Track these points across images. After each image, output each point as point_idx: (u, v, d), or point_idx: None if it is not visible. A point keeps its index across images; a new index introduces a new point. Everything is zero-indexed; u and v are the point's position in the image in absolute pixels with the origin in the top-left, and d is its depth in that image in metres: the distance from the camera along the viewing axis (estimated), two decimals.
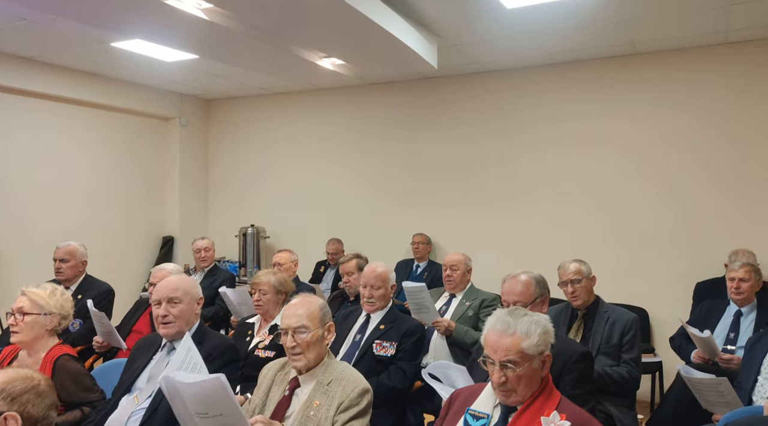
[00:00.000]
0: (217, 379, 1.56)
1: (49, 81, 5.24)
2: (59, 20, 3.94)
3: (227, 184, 6.96)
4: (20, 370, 1.44)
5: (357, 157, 6.16)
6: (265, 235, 6.48)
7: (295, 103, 6.52)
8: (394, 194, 5.95)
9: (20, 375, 1.41)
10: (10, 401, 1.34)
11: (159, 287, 2.34)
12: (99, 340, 3.32)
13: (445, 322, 3.27)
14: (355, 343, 2.89)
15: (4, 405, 1.33)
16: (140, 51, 4.75)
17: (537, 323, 1.75)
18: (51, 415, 1.41)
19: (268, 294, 3.10)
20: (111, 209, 6.00)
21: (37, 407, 1.37)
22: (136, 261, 6.30)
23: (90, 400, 2.32)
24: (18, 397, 1.36)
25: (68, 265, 3.72)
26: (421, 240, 5.46)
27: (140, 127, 6.37)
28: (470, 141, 5.56)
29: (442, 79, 5.64)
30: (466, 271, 3.61)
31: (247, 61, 4.23)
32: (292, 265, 4.37)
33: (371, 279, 2.98)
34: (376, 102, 6.04)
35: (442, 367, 2.16)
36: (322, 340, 2.03)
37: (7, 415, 1.32)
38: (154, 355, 2.30)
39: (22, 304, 2.37)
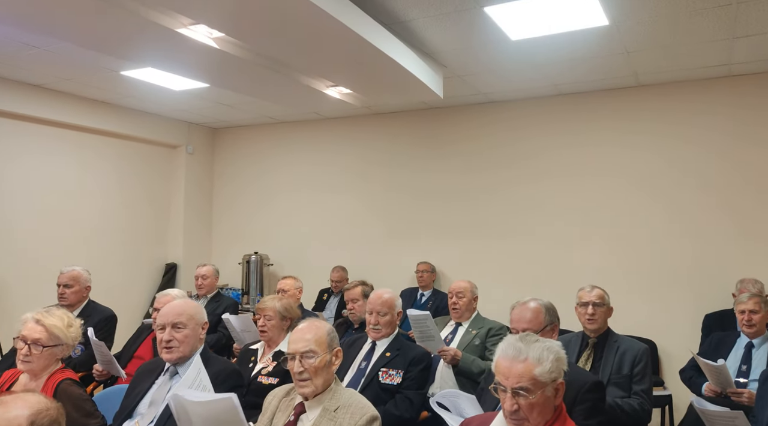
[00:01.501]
0: (229, 399, 1.53)
1: (58, 108, 5.31)
2: (71, 49, 4.02)
3: (231, 211, 6.97)
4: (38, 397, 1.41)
5: (361, 185, 6.18)
6: (268, 262, 6.45)
7: (301, 132, 6.58)
8: (399, 223, 5.94)
9: (42, 406, 1.38)
10: None
11: (164, 312, 2.32)
12: (99, 368, 3.26)
13: (451, 351, 3.21)
14: (360, 370, 2.84)
15: None
16: (149, 80, 4.82)
17: (549, 349, 1.71)
18: None
19: (273, 320, 3.07)
20: (115, 235, 5.99)
21: None
22: (139, 287, 6.26)
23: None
24: None
25: (72, 290, 3.69)
26: (425, 268, 5.43)
27: (147, 155, 6.42)
28: (474, 170, 5.59)
29: (447, 109, 5.71)
30: (473, 299, 3.56)
31: (255, 89, 4.29)
32: (296, 292, 4.34)
33: (377, 305, 2.95)
34: (381, 131, 6.10)
35: (450, 396, 2.12)
36: (330, 366, 2.00)
37: None
38: (156, 380, 2.27)
39: (39, 336, 2.27)
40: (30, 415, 1.33)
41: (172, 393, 1.66)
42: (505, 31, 3.55)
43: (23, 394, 1.44)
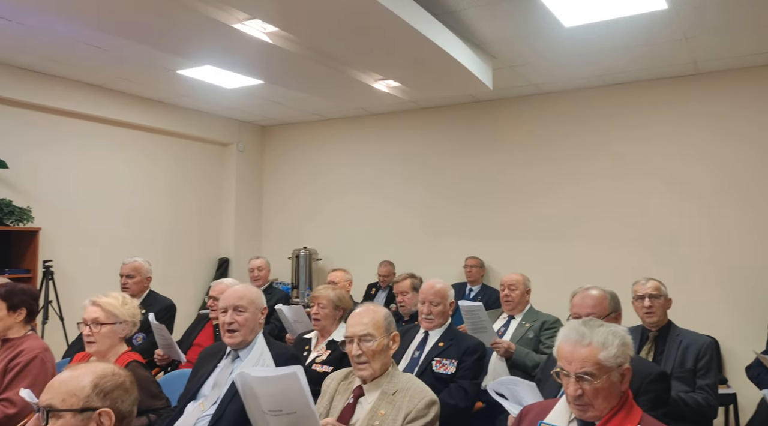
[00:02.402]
0: (294, 373, 1.56)
1: (117, 108, 5.53)
2: (131, 49, 4.19)
3: (280, 207, 7.10)
4: (105, 364, 1.46)
5: (408, 181, 6.19)
6: (317, 257, 6.54)
7: (347, 128, 6.64)
8: (446, 218, 5.92)
9: (108, 370, 1.41)
10: (103, 397, 1.34)
11: (226, 295, 2.39)
12: (160, 352, 3.39)
13: (504, 344, 3.17)
14: (413, 359, 2.84)
15: (98, 401, 1.33)
16: (204, 78, 4.97)
17: (615, 334, 1.67)
18: (134, 410, 1.42)
19: (326, 308, 3.11)
20: (171, 230, 6.21)
21: (125, 403, 1.37)
22: (194, 280, 6.46)
23: (156, 408, 2.35)
24: (110, 393, 1.36)
25: (134, 280, 3.85)
26: (474, 263, 5.39)
27: (200, 153, 6.62)
28: (525, 165, 5.50)
29: (495, 102, 5.64)
30: (525, 292, 3.51)
31: (305, 84, 4.35)
32: (346, 284, 4.39)
33: (429, 295, 2.94)
34: (427, 126, 6.09)
35: (509, 383, 2.09)
36: (387, 350, 2.01)
37: (102, 411, 1.32)
38: (218, 363, 2.33)
39: (97, 315, 2.40)
40: (94, 378, 1.37)
41: (238, 372, 1.70)
42: (559, 18, 3.48)
43: (93, 362, 1.50)
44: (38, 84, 4.89)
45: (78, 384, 1.34)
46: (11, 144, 4.77)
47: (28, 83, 4.83)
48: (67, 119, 5.24)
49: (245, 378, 1.63)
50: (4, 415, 2.41)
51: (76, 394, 1.33)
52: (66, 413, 1.31)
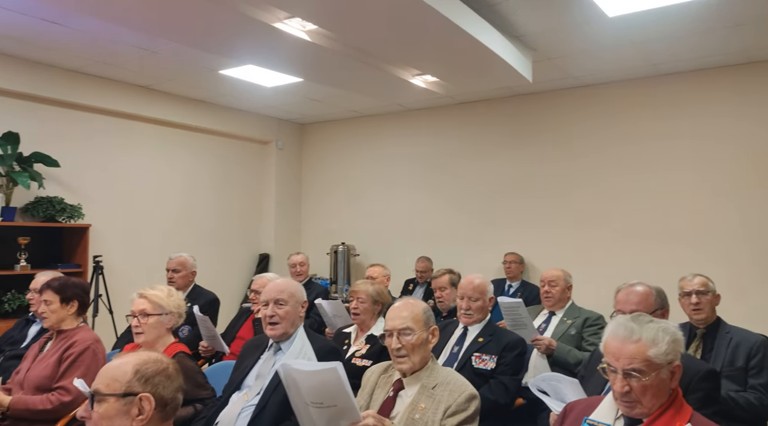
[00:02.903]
0: (334, 369, 1.58)
1: (163, 108, 5.70)
2: (175, 51, 4.31)
3: (319, 203, 7.18)
4: (150, 352, 1.51)
5: (444, 176, 6.16)
6: (355, 252, 6.59)
7: (385, 124, 6.66)
8: (484, 214, 5.87)
9: (151, 357, 1.46)
10: (144, 382, 1.39)
11: (267, 289, 2.43)
12: (204, 344, 3.47)
13: (545, 341, 3.13)
14: (452, 354, 2.83)
15: (138, 386, 1.38)
16: (244, 77, 5.07)
17: (665, 331, 1.62)
18: (178, 397, 1.46)
19: (365, 303, 3.13)
20: (213, 226, 6.36)
21: (167, 389, 1.42)
22: (236, 276, 6.60)
23: (202, 397, 2.42)
24: (151, 378, 1.40)
25: (179, 274, 3.96)
26: (513, 259, 5.32)
27: (241, 151, 6.75)
28: (565, 159, 5.40)
29: (535, 95, 5.55)
30: (566, 288, 3.45)
31: (344, 81, 4.38)
32: (384, 279, 4.40)
33: (468, 290, 2.93)
34: (465, 121, 6.04)
35: (551, 379, 2.06)
36: (427, 344, 2.01)
37: (142, 396, 1.37)
38: (261, 355, 2.38)
39: (144, 307, 2.49)
40: (136, 365, 1.42)
41: (281, 363, 1.73)
42: (602, 8, 3.40)
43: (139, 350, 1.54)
44: (88, 86, 5.09)
45: (121, 370, 1.40)
46: (63, 144, 4.97)
47: (79, 85, 5.02)
48: (115, 119, 5.43)
49: (288, 370, 1.66)
50: (60, 402, 2.52)
51: (119, 379, 1.38)
52: (109, 397, 1.36)
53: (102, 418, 1.34)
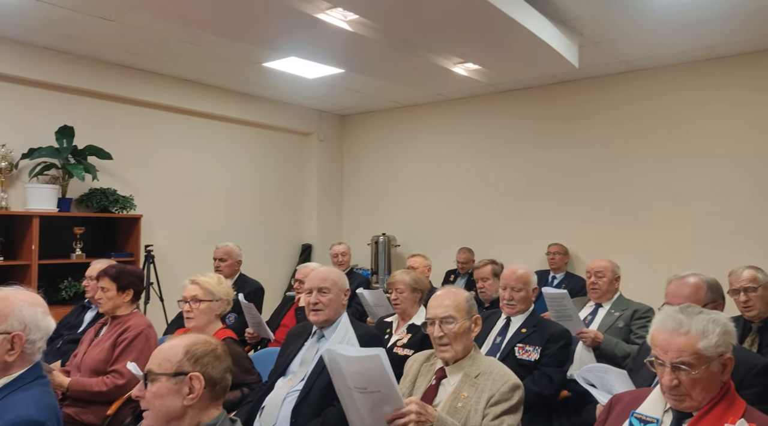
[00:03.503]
0: (377, 356, 1.59)
1: (208, 101, 5.84)
2: (221, 44, 4.39)
3: (360, 194, 7.22)
4: (199, 334, 1.57)
5: (486, 166, 6.08)
6: (395, 243, 6.61)
7: (425, 115, 6.62)
8: (527, 204, 5.77)
9: (200, 339, 1.52)
10: (194, 362, 1.45)
11: (311, 277, 2.47)
12: (250, 330, 3.56)
13: (591, 333, 3.06)
14: (495, 345, 2.81)
15: (189, 366, 1.44)
16: (286, 69, 5.13)
17: (715, 322, 1.56)
18: (227, 378, 1.52)
19: (404, 292, 3.13)
20: (257, 217, 6.49)
21: (215, 369, 1.47)
22: (279, 266, 6.73)
23: (248, 382, 2.49)
24: (200, 358, 1.46)
25: (226, 263, 4.07)
26: (557, 250, 5.22)
27: (283, 142, 6.85)
28: (613, 148, 5.25)
29: (581, 81, 5.40)
30: (614, 279, 3.36)
31: (385, 71, 4.38)
32: (425, 269, 4.40)
33: (511, 281, 2.89)
34: (508, 110, 5.94)
35: (598, 371, 2.02)
36: (469, 332, 2.00)
37: (192, 375, 1.43)
38: (305, 342, 2.42)
39: (196, 293, 2.58)
40: (186, 345, 1.48)
41: (326, 348, 1.76)
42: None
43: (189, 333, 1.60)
44: (138, 80, 5.26)
45: (172, 351, 1.46)
46: (115, 137, 5.16)
47: (129, 80, 5.20)
48: (163, 113, 5.60)
49: (332, 355, 1.68)
50: (115, 385, 2.64)
51: (170, 359, 1.44)
52: (161, 377, 1.42)
53: (155, 397, 1.40)
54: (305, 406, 2.16)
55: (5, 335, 1.52)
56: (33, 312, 1.58)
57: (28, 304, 1.58)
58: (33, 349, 1.57)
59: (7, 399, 1.49)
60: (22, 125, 4.60)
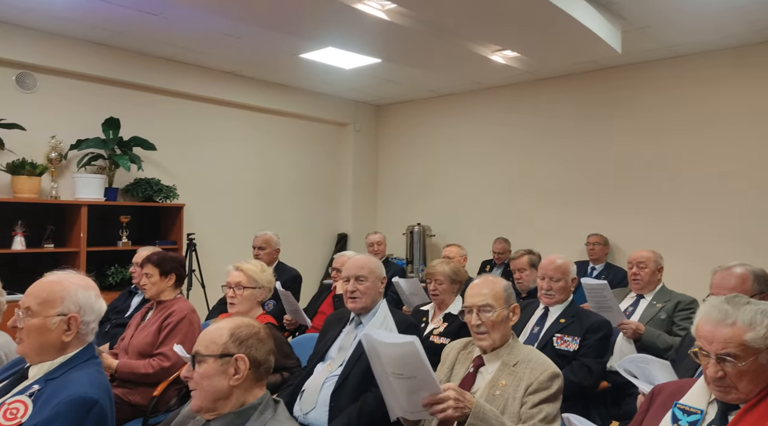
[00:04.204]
0: (412, 343, 1.60)
1: (247, 92, 5.94)
2: (259, 36, 4.46)
3: (395, 184, 7.23)
4: (243, 318, 1.62)
5: (523, 155, 6.00)
6: (430, 233, 6.61)
7: (461, 104, 6.56)
8: (565, 194, 5.68)
9: (244, 322, 1.57)
10: (239, 344, 1.50)
11: (348, 265, 2.50)
12: (288, 317, 3.63)
13: (632, 325, 3.00)
14: (533, 334, 2.79)
15: (234, 347, 1.49)
16: (323, 60, 5.16)
17: (764, 313, 1.51)
18: (270, 360, 1.56)
19: (443, 284, 3.13)
20: (293, 207, 6.59)
21: (259, 351, 1.52)
22: (315, 255, 6.82)
23: (288, 366, 2.54)
24: (245, 340, 1.51)
25: (265, 251, 4.16)
26: (597, 241, 5.12)
27: (319, 133, 6.92)
28: (654, 135, 5.10)
29: (623, 68, 5.26)
30: (656, 270, 3.28)
31: (422, 60, 4.36)
32: (461, 260, 4.38)
33: (550, 271, 2.86)
34: (546, 97, 5.84)
35: (640, 361, 1.98)
36: (507, 321, 1.99)
37: (238, 357, 1.48)
38: (343, 329, 2.46)
39: (240, 279, 2.65)
40: (231, 327, 1.53)
41: (363, 332, 1.78)
42: None
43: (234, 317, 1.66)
44: (180, 73, 5.39)
45: (218, 333, 1.52)
46: (159, 128, 5.31)
47: (172, 73, 5.34)
48: (204, 105, 5.73)
49: (370, 339, 1.70)
50: (161, 367, 2.74)
51: (216, 341, 1.50)
52: (208, 358, 1.48)
53: (203, 377, 1.46)
54: (344, 391, 2.20)
55: (62, 317, 1.60)
56: (87, 294, 1.65)
57: (82, 287, 1.66)
58: (87, 330, 1.65)
59: (63, 377, 1.57)
60: (70, 117, 4.79)
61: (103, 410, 1.52)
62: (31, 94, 4.61)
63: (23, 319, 1.57)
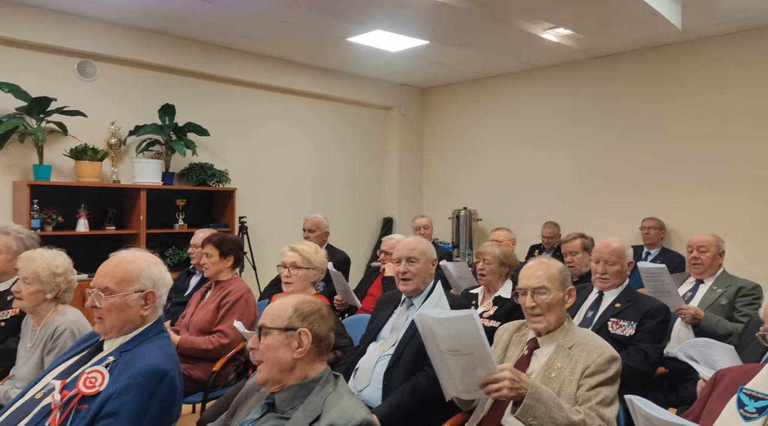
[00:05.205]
0: (470, 316, 1.61)
1: (296, 78, 6.02)
2: (308, 21, 4.49)
3: (440, 168, 7.20)
4: (305, 295, 1.67)
5: (574, 137, 5.86)
6: (477, 217, 6.56)
7: (509, 85, 6.44)
8: (618, 176, 5.52)
9: (307, 299, 1.63)
10: (302, 319, 1.56)
11: (399, 247, 2.53)
12: (339, 298, 3.70)
13: (691, 310, 2.92)
14: (586, 319, 2.74)
15: (298, 322, 1.56)
16: (371, 44, 5.16)
17: None
18: (331, 336, 1.61)
19: (492, 264, 3.11)
20: (340, 191, 6.66)
21: (321, 327, 1.58)
22: (361, 239, 6.89)
23: (341, 345, 2.60)
24: (308, 316, 1.57)
25: (314, 234, 4.24)
26: (652, 225, 4.97)
27: (365, 117, 6.94)
28: (714, 115, 4.88)
29: (682, 44, 5.03)
30: (718, 254, 3.17)
31: (471, 40, 4.30)
32: (509, 243, 4.35)
33: (605, 254, 2.80)
34: (599, 76, 5.66)
35: (702, 345, 1.93)
36: (563, 304, 1.97)
37: (301, 331, 1.55)
38: (395, 310, 2.49)
39: (295, 260, 2.72)
40: (295, 303, 1.60)
41: (418, 312, 1.80)
42: None
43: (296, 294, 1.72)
44: (232, 60, 5.51)
45: (283, 308, 1.59)
46: (212, 114, 5.46)
47: (224, 59, 5.46)
48: (254, 90, 5.84)
49: (424, 318, 1.72)
50: (220, 343, 2.86)
51: (281, 315, 1.57)
52: (274, 330, 1.55)
53: (268, 349, 1.53)
54: (397, 370, 2.23)
55: (140, 293, 1.68)
56: (159, 269, 1.74)
57: (153, 263, 1.74)
58: (159, 303, 1.73)
59: (136, 349, 1.66)
60: (128, 104, 4.97)
61: (173, 381, 1.60)
62: (92, 81, 4.80)
63: (103, 299, 1.65)
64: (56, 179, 4.53)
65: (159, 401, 1.55)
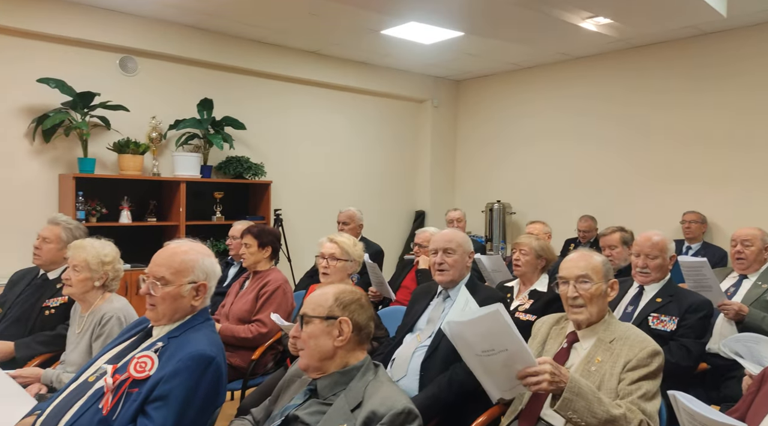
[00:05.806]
0: (496, 311, 1.60)
1: (330, 71, 6.05)
2: (341, 14, 4.51)
3: (473, 161, 7.15)
4: (345, 285, 1.70)
5: (612, 129, 5.73)
6: (510, 210, 6.50)
7: (546, 76, 6.34)
8: (658, 169, 5.39)
9: (347, 289, 1.67)
10: (343, 308, 1.60)
11: (436, 238, 2.53)
12: (373, 289, 3.73)
13: (735, 306, 2.84)
14: (626, 314, 2.70)
15: (338, 311, 1.59)
16: (404, 36, 5.15)
17: None
18: (370, 325, 1.64)
19: (528, 255, 3.08)
20: (373, 184, 6.68)
21: (360, 316, 1.61)
22: (393, 231, 6.91)
23: (378, 336, 2.62)
24: (348, 305, 1.61)
25: (349, 227, 4.27)
26: (693, 219, 4.84)
27: (398, 110, 6.94)
28: (760, 106, 4.71)
29: (727, 33, 4.86)
30: (763, 249, 3.07)
31: (508, 31, 4.26)
32: (545, 236, 4.29)
33: (646, 248, 2.75)
34: (639, 67, 5.52)
35: (747, 341, 1.89)
36: (605, 296, 1.95)
37: (342, 319, 1.58)
38: (431, 301, 2.50)
39: (334, 251, 2.74)
40: (335, 293, 1.63)
41: (446, 322, 1.80)
42: None
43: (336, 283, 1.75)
44: (267, 54, 5.58)
45: (324, 297, 1.63)
46: (247, 108, 5.54)
47: (259, 54, 5.53)
48: (289, 84, 5.90)
49: (452, 326, 1.72)
50: (258, 332, 2.92)
51: (322, 304, 1.61)
52: (315, 319, 1.59)
53: (309, 337, 1.56)
54: (433, 361, 2.24)
55: (193, 284, 1.74)
56: (211, 262, 1.79)
57: (206, 256, 1.79)
58: (209, 294, 1.79)
59: (183, 336, 1.71)
60: (168, 99, 5.09)
61: (219, 367, 1.65)
62: (133, 76, 4.93)
63: (159, 288, 1.70)
64: (100, 172, 4.68)
65: (206, 386, 1.60)
